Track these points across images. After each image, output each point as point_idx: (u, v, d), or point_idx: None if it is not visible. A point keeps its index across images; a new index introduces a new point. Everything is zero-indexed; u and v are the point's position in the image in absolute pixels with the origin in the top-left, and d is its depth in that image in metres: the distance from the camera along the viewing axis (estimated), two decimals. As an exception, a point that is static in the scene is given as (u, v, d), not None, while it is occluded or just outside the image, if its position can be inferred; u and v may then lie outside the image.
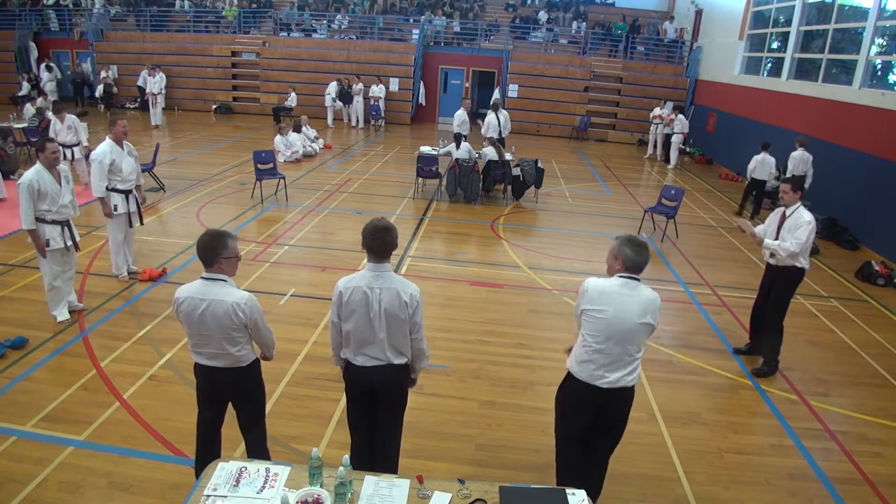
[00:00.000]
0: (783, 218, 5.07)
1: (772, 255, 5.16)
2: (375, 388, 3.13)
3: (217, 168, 11.84)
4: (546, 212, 10.28)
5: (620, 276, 3.04)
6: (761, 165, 10.49)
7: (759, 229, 5.33)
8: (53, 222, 5.13)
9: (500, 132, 11.65)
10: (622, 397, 3.12)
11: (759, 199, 10.76)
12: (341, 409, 4.34)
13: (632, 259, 3.00)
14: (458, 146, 10.36)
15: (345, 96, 18.19)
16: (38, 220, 5.04)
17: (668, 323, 6.26)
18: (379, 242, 2.95)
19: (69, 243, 5.29)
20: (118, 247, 6.22)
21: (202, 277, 2.97)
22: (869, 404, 4.97)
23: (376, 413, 3.21)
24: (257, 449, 3.28)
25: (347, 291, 3.00)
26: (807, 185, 10.61)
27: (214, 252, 2.91)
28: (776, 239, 5.08)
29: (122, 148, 5.97)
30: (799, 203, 5.03)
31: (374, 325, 2.99)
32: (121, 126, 5.87)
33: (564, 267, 7.65)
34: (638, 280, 3.04)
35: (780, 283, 5.23)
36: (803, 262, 5.04)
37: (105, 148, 5.87)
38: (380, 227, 2.96)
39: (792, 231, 4.95)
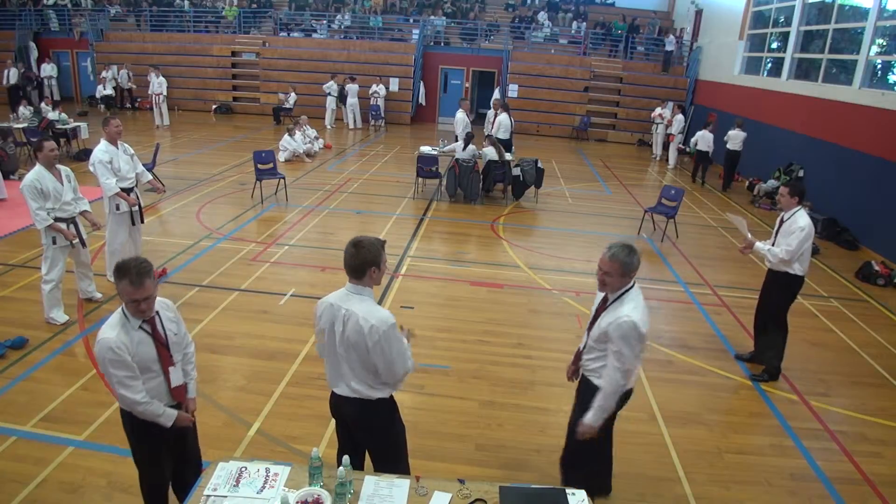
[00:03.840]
0: (781, 222, 4.94)
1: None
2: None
3: (217, 168, 11.84)
4: (546, 212, 10.28)
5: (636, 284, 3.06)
6: (702, 139, 12.92)
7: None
8: (58, 220, 5.17)
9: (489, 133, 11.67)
10: None
11: (705, 167, 13.21)
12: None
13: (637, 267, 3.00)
14: (465, 147, 10.29)
15: (342, 96, 18.17)
16: None
17: (668, 323, 6.26)
18: (347, 256, 2.72)
19: (75, 241, 5.32)
20: (114, 252, 6.20)
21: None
22: (869, 404, 4.97)
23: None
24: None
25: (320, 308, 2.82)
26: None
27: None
28: (773, 244, 4.95)
29: (118, 147, 6.01)
30: (798, 207, 4.84)
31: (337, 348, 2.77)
32: (113, 126, 5.91)
33: (564, 267, 7.65)
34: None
35: (773, 289, 5.13)
36: (797, 270, 4.87)
37: (102, 147, 5.92)
38: (351, 242, 2.72)
39: (786, 236, 4.80)
